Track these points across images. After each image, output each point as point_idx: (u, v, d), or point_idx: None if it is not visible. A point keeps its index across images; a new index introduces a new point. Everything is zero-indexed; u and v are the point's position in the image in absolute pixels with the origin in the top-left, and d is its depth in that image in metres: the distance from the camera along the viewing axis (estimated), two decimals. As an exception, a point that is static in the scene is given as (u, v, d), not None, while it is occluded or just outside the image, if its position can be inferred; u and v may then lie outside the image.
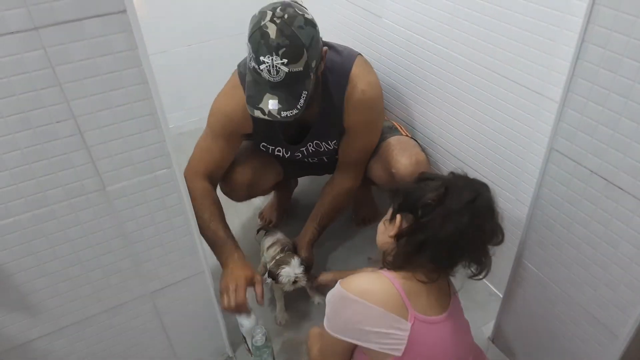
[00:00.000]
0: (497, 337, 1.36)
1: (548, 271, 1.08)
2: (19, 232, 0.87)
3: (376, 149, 1.51)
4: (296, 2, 1.19)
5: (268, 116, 1.17)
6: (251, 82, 1.19)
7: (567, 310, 1.07)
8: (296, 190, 1.98)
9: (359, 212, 1.85)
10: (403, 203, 0.96)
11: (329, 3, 1.81)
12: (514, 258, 1.16)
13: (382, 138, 1.51)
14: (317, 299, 1.58)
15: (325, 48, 1.25)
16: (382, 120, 1.50)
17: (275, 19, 1.11)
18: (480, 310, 1.52)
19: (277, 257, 1.45)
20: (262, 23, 1.11)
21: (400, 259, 0.95)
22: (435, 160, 1.60)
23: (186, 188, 1.00)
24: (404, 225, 0.96)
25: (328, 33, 1.88)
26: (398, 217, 0.96)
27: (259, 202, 1.97)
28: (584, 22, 0.79)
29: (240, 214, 1.94)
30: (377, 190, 1.87)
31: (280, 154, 1.54)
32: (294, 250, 1.49)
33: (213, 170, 1.41)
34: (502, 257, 1.49)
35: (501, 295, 1.37)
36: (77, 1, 0.71)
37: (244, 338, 1.37)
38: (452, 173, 0.99)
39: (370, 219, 1.85)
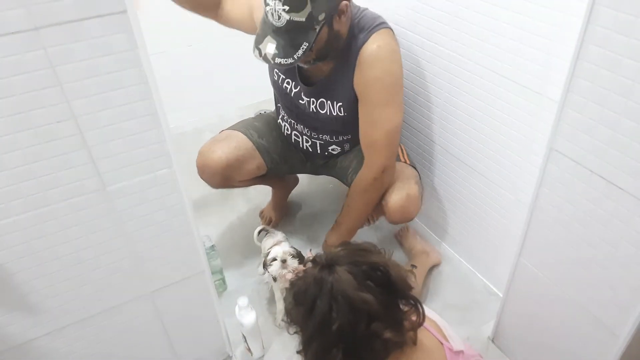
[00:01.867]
0: (497, 337, 1.36)
1: (548, 271, 1.08)
2: (19, 232, 0.87)
3: None
4: None
5: (263, 59, 1.20)
6: (262, 20, 1.21)
7: (567, 310, 1.07)
8: (297, 190, 1.98)
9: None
10: None
11: (329, 3, 1.81)
12: (514, 258, 1.16)
13: None
14: None
15: (345, 2, 1.20)
16: (399, 97, 1.35)
17: None
18: (480, 310, 1.53)
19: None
20: None
21: None
22: (436, 161, 1.60)
23: (186, 188, 1.00)
24: None
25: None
26: None
27: (260, 201, 1.97)
28: (584, 22, 0.79)
29: (241, 214, 1.94)
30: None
31: (288, 87, 1.46)
32: (297, 255, 1.45)
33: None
34: (502, 257, 1.49)
35: (501, 295, 1.37)
36: (77, 1, 0.71)
37: (244, 337, 1.38)
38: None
39: (371, 217, 1.84)
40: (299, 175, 1.95)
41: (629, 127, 0.79)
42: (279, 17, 1.14)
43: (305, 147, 1.59)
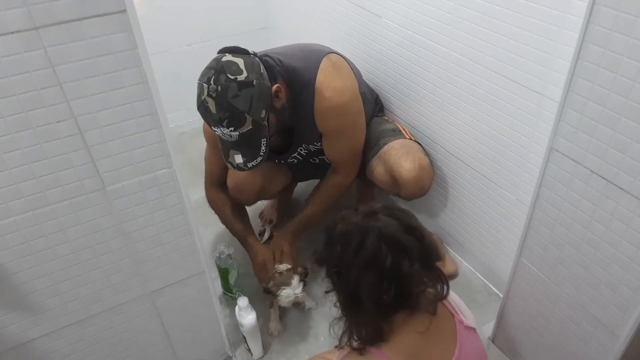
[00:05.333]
0: (497, 337, 1.36)
1: (548, 271, 1.08)
2: (19, 232, 0.87)
3: (379, 153, 1.50)
4: (231, 59, 1.21)
5: (237, 168, 1.29)
6: (218, 137, 1.29)
7: (567, 310, 1.07)
8: (296, 190, 1.98)
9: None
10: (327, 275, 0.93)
11: (329, 3, 1.82)
12: (514, 258, 1.16)
13: (386, 141, 1.50)
14: (307, 305, 1.56)
15: (275, 86, 1.26)
16: (360, 120, 1.48)
17: (211, 93, 1.18)
18: (480, 310, 1.53)
19: (277, 275, 1.41)
20: (202, 98, 1.20)
21: (361, 329, 0.89)
22: (436, 161, 1.60)
23: (186, 188, 1.00)
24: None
25: (328, 33, 1.88)
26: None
27: (259, 201, 1.96)
28: (584, 21, 0.79)
29: (240, 214, 1.93)
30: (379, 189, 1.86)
31: (277, 161, 1.55)
32: (304, 274, 1.44)
33: (220, 176, 1.55)
34: (502, 257, 1.49)
35: (501, 295, 1.37)
36: (77, 1, 0.71)
37: (244, 338, 1.38)
38: (345, 219, 0.91)
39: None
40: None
41: (629, 127, 0.79)
42: (231, 136, 1.22)
43: (316, 163, 1.62)
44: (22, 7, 0.68)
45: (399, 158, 1.44)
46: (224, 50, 1.26)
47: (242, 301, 1.32)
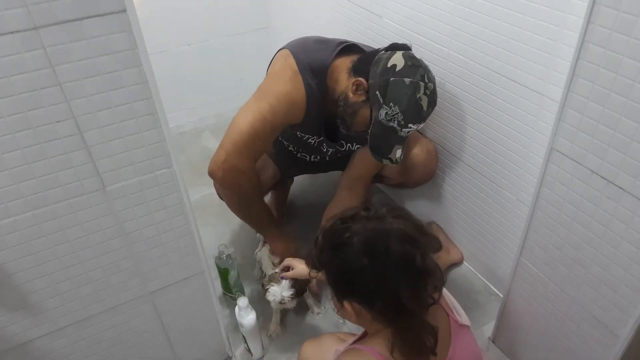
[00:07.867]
0: (497, 337, 1.36)
1: (548, 271, 1.08)
2: (19, 232, 0.87)
3: None
4: (416, 56, 1.25)
5: (394, 162, 1.30)
6: (380, 134, 1.26)
7: (567, 310, 1.07)
8: (295, 189, 1.98)
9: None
10: (338, 288, 0.91)
11: (330, 3, 1.82)
12: (514, 258, 1.16)
13: None
14: (316, 310, 1.56)
15: None
16: None
17: (427, 91, 1.21)
18: (480, 310, 1.53)
19: (272, 273, 1.43)
20: (418, 95, 1.20)
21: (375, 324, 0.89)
22: (436, 160, 1.60)
23: (186, 188, 1.00)
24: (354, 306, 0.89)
25: (328, 33, 1.88)
26: (345, 303, 0.89)
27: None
28: (585, 21, 0.79)
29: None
30: (373, 190, 1.86)
31: (313, 141, 1.50)
32: (296, 291, 1.40)
33: (258, 158, 1.37)
34: (502, 257, 1.49)
35: (501, 295, 1.37)
36: (77, 1, 0.71)
37: (244, 338, 1.37)
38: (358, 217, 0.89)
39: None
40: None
41: (630, 127, 0.79)
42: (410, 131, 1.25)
43: (314, 161, 1.60)
44: (22, 7, 0.68)
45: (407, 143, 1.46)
46: (400, 47, 1.28)
47: (242, 301, 1.32)
